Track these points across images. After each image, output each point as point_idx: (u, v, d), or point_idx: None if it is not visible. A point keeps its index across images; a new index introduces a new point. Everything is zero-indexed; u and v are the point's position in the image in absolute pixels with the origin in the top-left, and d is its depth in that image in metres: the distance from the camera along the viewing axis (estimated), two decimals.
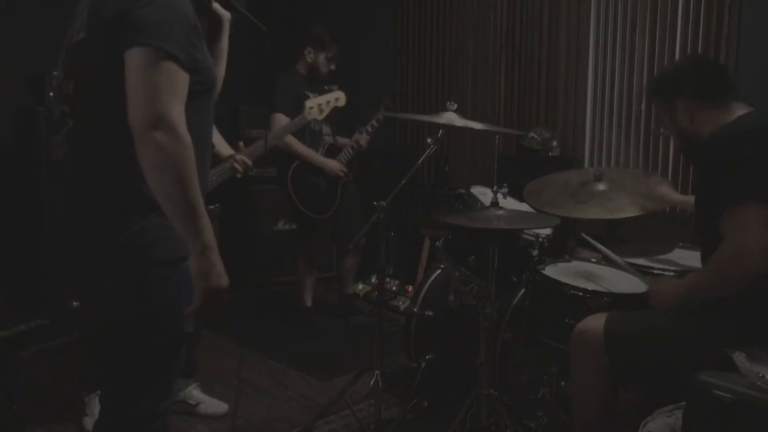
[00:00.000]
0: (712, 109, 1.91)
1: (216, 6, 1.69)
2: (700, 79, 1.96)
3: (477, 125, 2.47)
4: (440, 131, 2.52)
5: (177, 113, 1.34)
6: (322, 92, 3.64)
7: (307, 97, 3.54)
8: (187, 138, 1.34)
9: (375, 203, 2.47)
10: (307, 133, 3.76)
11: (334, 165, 3.75)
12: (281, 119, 3.59)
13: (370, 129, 3.77)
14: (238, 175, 2.85)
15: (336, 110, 3.53)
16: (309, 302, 3.91)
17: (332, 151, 3.84)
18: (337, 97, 3.42)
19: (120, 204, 1.43)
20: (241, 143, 2.93)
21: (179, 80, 1.36)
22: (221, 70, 1.75)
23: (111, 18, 1.38)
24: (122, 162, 1.38)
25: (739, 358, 1.51)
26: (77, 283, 1.59)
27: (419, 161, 2.50)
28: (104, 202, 1.44)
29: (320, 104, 3.35)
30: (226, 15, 1.71)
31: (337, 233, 3.87)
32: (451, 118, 2.35)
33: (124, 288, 1.43)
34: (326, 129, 3.88)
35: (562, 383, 2.36)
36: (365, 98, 4.03)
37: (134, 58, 1.33)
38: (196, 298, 1.38)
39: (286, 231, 4.57)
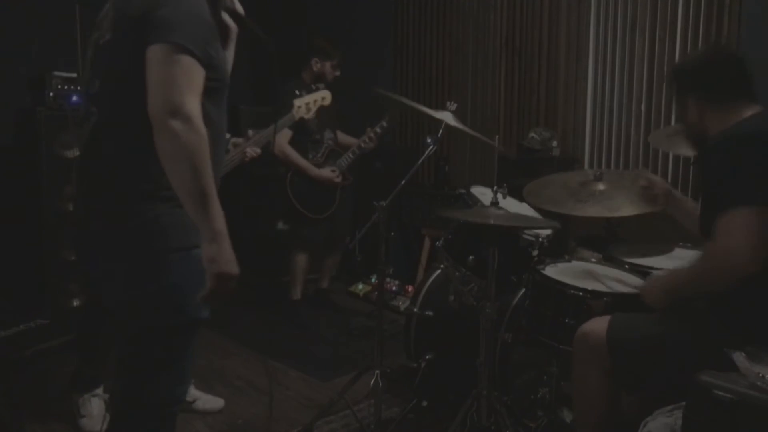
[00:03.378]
0: (722, 110, 1.87)
1: (225, 17, 1.77)
2: (713, 79, 1.91)
3: (469, 131, 2.49)
4: (440, 131, 2.53)
5: (193, 104, 1.42)
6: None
7: None
8: (202, 128, 1.42)
9: (375, 203, 2.46)
10: (308, 141, 3.90)
11: (326, 174, 3.88)
12: (284, 132, 3.74)
13: (379, 130, 3.90)
14: (246, 159, 3.20)
15: (323, 108, 3.67)
16: (298, 295, 4.03)
17: (334, 156, 3.98)
18: (323, 96, 3.48)
19: (138, 193, 1.51)
20: (250, 131, 3.22)
21: (195, 74, 1.45)
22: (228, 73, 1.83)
23: (135, 18, 1.47)
24: (142, 155, 1.46)
25: (739, 358, 1.51)
26: (92, 267, 1.66)
27: (419, 161, 2.50)
28: (123, 191, 1.53)
29: (307, 103, 3.42)
30: (233, 27, 1.80)
31: (328, 234, 4.03)
32: (446, 116, 2.37)
33: (137, 270, 1.51)
34: (328, 134, 4.01)
35: (562, 383, 2.36)
36: (365, 98, 4.03)
37: (154, 54, 1.43)
38: (207, 283, 1.44)
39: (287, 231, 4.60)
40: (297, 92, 3.76)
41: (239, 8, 1.78)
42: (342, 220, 4.09)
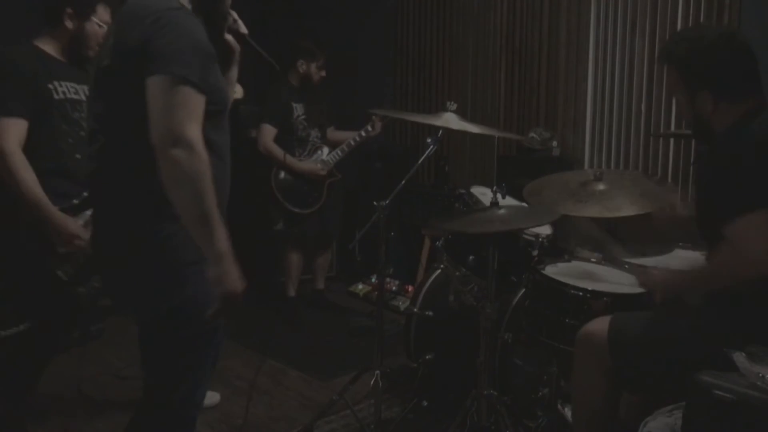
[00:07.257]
0: (735, 105, 1.82)
1: (228, 38, 1.82)
2: (732, 75, 1.82)
3: (472, 128, 2.48)
4: (440, 131, 2.53)
5: (194, 132, 1.47)
6: (310, 101, 3.94)
7: (293, 108, 3.87)
8: (204, 154, 1.47)
9: (375, 203, 2.46)
10: (294, 139, 3.94)
11: (309, 166, 3.92)
12: (268, 129, 3.85)
13: (363, 134, 3.93)
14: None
15: (309, 107, 3.91)
16: (292, 292, 4.09)
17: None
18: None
19: (153, 211, 1.57)
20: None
21: (195, 102, 1.50)
22: (230, 95, 1.89)
23: (135, 48, 1.52)
24: (151, 175, 1.49)
25: (739, 358, 1.52)
26: (112, 284, 1.77)
27: (419, 161, 2.50)
28: (138, 211, 1.60)
29: None
30: (236, 47, 1.86)
31: (318, 229, 4.06)
32: (448, 119, 2.36)
33: (155, 285, 1.60)
34: (315, 133, 4.03)
35: (562, 383, 2.36)
36: (365, 98, 4.04)
37: (155, 85, 1.48)
38: (216, 302, 1.52)
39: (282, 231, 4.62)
40: (293, 105, 3.89)
41: (242, 28, 1.82)
42: (332, 216, 4.11)
